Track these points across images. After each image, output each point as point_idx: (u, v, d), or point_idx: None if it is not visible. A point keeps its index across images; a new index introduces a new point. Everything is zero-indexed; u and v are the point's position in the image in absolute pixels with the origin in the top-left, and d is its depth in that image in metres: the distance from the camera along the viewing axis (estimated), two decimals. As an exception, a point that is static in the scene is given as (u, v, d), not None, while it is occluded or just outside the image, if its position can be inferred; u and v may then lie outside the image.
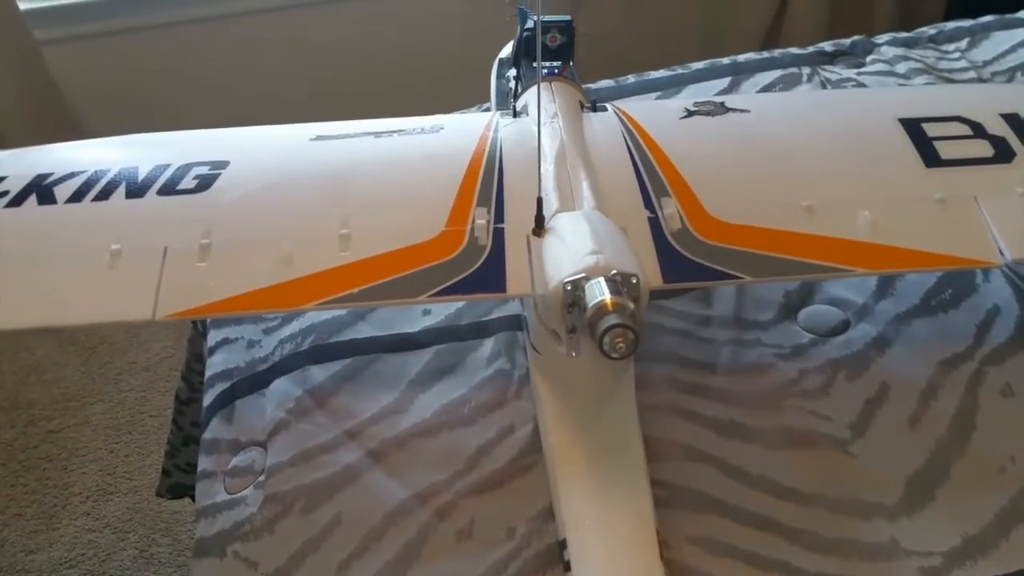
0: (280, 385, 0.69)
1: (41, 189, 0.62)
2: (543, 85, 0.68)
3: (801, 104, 0.83)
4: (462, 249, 0.57)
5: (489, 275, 0.56)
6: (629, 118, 0.69)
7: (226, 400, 0.71)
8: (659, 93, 1.03)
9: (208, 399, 0.72)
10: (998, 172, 0.63)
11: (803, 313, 0.73)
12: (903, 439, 0.62)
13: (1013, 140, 0.64)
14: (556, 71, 0.75)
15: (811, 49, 1.07)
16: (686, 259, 0.57)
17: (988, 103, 0.69)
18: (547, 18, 0.74)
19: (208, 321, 0.80)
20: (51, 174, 0.63)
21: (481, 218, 0.58)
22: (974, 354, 0.68)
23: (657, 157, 0.64)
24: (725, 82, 1.03)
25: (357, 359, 0.70)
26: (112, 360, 1.64)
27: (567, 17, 0.76)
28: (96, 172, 0.63)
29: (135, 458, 1.45)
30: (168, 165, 0.64)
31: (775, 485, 0.59)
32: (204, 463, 0.67)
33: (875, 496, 0.59)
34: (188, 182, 0.62)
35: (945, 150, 0.64)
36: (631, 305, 0.44)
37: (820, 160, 0.65)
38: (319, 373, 0.70)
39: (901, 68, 1.00)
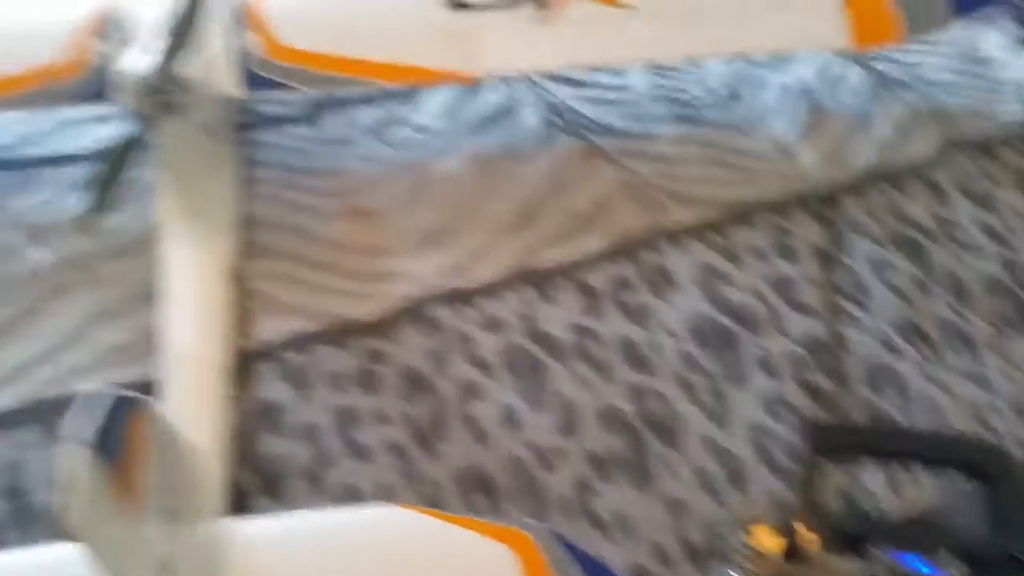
0: None
1: None
2: None
3: None
4: (80, 71, 0.71)
5: (101, 88, 0.70)
6: None
7: None
8: None
9: None
10: (503, 13, 0.78)
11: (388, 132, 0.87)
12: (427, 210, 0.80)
13: None
14: None
15: None
16: (262, 78, 0.73)
17: None
18: None
19: None
20: None
21: (99, 45, 0.72)
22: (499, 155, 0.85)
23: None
24: None
25: (21, 169, 0.81)
26: None
27: None
28: None
29: None
30: None
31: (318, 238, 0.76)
32: None
33: (395, 243, 0.76)
34: None
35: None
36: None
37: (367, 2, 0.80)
38: None
39: None
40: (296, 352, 0.67)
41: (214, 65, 0.73)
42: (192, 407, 0.60)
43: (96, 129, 0.86)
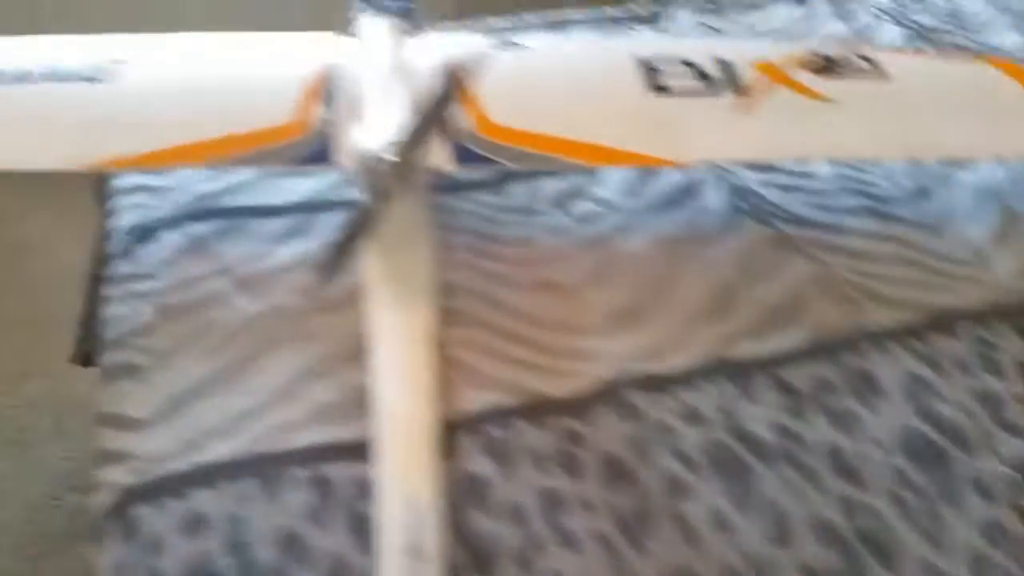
0: (167, 235, 0.84)
1: None
2: (380, 17, 0.90)
3: (568, 43, 1.08)
4: (304, 133, 0.76)
5: (323, 153, 0.76)
6: (441, 43, 0.88)
7: (126, 245, 0.84)
8: (492, 40, 1.16)
9: (112, 246, 0.86)
10: (703, 100, 0.82)
11: (572, 204, 0.89)
12: (617, 288, 0.79)
13: (720, 78, 0.84)
14: (396, 9, 0.92)
15: (624, 11, 1.28)
16: (471, 152, 0.77)
17: (710, 51, 0.88)
18: None
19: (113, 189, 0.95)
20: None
21: (320, 110, 0.78)
22: (685, 237, 0.85)
23: (456, 73, 0.80)
24: (548, 32, 1.21)
25: (229, 219, 0.85)
26: (20, 259, 1.69)
27: None
28: (22, 64, 0.82)
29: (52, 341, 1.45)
30: (78, 60, 0.82)
31: (516, 311, 0.76)
32: (109, 292, 0.80)
33: (590, 319, 0.76)
34: (92, 71, 0.81)
35: (666, 81, 0.83)
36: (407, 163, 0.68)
37: (572, 82, 0.85)
38: (198, 228, 0.84)
39: (691, 30, 1.21)
40: (496, 426, 0.67)
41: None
42: (406, 467, 0.60)
43: (300, 182, 0.89)
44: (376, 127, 0.73)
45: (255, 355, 0.71)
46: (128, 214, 0.87)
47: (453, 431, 0.65)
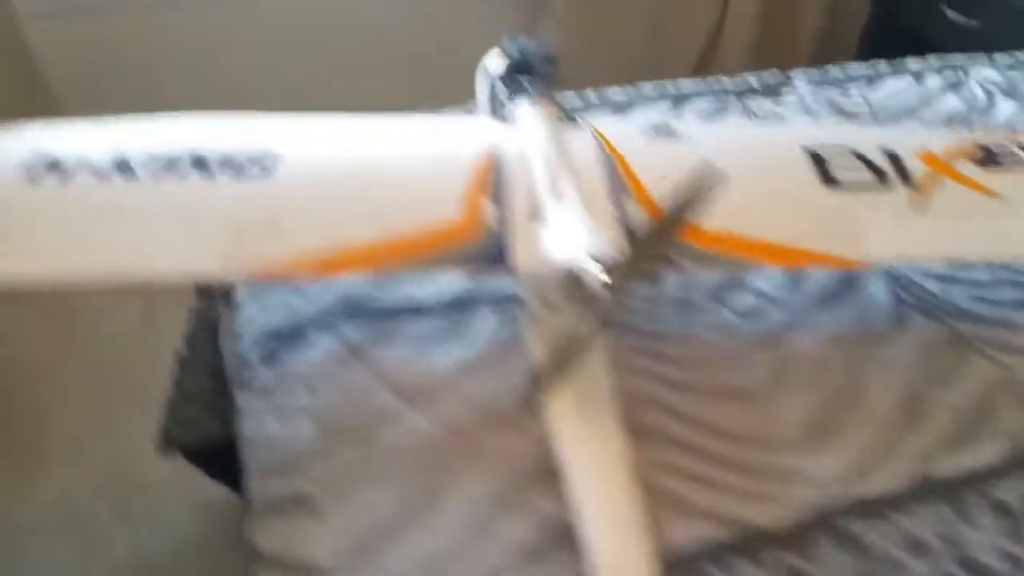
0: (319, 338, 0.77)
1: (122, 164, 0.71)
2: (532, 102, 0.84)
3: (731, 130, 1.03)
4: (475, 233, 0.70)
5: (497, 254, 0.69)
6: (600, 133, 0.83)
7: (271, 349, 0.77)
8: (612, 110, 1.17)
9: (248, 348, 0.78)
10: (878, 195, 0.79)
11: (731, 297, 0.85)
12: (799, 395, 0.75)
13: (890, 171, 0.81)
14: (539, 91, 0.87)
15: (740, 82, 1.26)
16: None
17: (874, 140, 0.85)
18: (535, 49, 0.91)
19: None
20: (127, 150, 0.73)
21: (489, 207, 0.71)
22: (858, 335, 0.81)
23: (622, 165, 0.78)
24: (668, 104, 1.19)
25: (381, 320, 0.79)
26: (79, 325, 1.59)
27: (551, 51, 0.92)
28: (171, 154, 0.73)
29: (109, 421, 1.42)
30: (232, 149, 0.74)
31: (705, 424, 0.72)
32: (251, 402, 0.74)
33: (785, 433, 0.71)
34: (250, 166, 0.73)
35: (839, 174, 0.80)
36: (623, 284, 0.58)
37: (747, 176, 0.78)
38: (351, 330, 0.78)
39: (812, 104, 1.20)
40: (712, 564, 0.62)
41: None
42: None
43: (446, 278, 0.83)
44: (566, 234, 0.66)
45: (437, 483, 0.65)
46: (268, 312, 0.80)
47: (669, 572, 0.60)
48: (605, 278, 0.58)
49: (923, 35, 1.95)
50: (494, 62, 0.97)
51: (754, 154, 0.85)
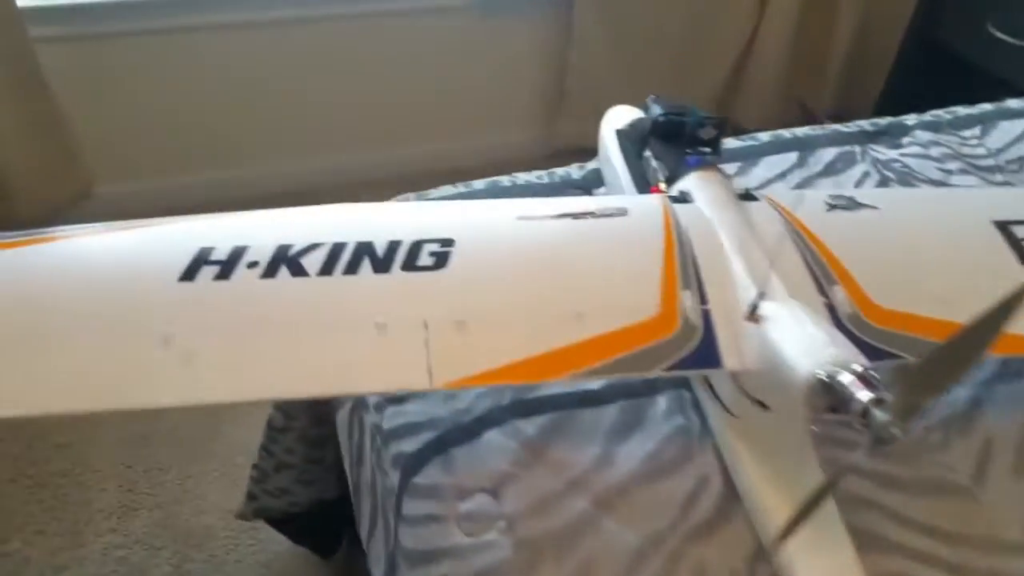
0: (493, 437, 0.72)
1: (289, 261, 0.64)
2: (708, 174, 0.78)
3: (916, 203, 0.94)
4: (678, 328, 0.63)
5: (705, 352, 0.62)
6: (784, 209, 0.77)
7: (439, 448, 0.72)
8: (739, 164, 1.12)
9: (414, 446, 0.73)
10: None
11: None
12: (1014, 484, 0.70)
13: None
14: (707, 160, 0.81)
15: (855, 128, 1.23)
16: (859, 341, 0.64)
17: None
18: (702, 113, 0.83)
19: None
20: (292, 245, 0.66)
21: (688, 300, 0.65)
22: None
23: (819, 248, 0.72)
24: (794, 156, 1.14)
25: (555, 413, 0.74)
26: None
27: (722, 116, 0.84)
28: (335, 245, 0.66)
29: (155, 473, 1.41)
30: (401, 241, 0.67)
31: (923, 526, 0.66)
32: (427, 507, 0.69)
33: (1008, 534, 0.66)
34: (425, 259, 0.66)
35: None
36: (890, 397, 0.49)
37: (944, 256, 0.75)
38: (525, 426, 0.73)
39: (934, 152, 1.16)
40: None
41: None
42: None
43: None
44: (796, 336, 0.57)
45: None
46: (428, 405, 0.74)
47: None
48: (881, 396, 0.49)
49: (963, 53, 1.93)
50: (634, 125, 0.90)
51: (947, 229, 0.78)
